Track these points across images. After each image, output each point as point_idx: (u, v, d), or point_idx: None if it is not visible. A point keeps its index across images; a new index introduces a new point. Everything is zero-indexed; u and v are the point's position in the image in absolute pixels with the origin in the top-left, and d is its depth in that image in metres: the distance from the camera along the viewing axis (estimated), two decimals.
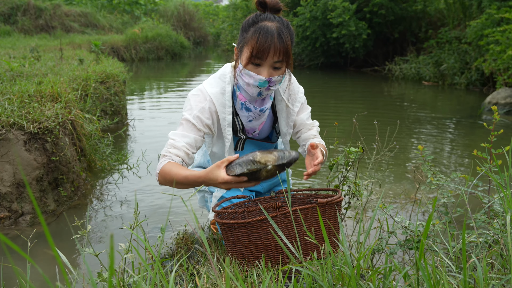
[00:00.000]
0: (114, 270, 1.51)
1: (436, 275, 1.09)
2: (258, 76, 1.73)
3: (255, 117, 1.90)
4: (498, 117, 1.84)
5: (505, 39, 7.37)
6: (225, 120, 1.85)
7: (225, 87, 1.86)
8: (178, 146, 1.77)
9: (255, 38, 1.68)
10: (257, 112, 1.88)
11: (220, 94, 1.84)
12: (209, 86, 1.87)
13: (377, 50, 12.47)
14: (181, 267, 1.80)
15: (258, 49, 1.68)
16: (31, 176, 2.88)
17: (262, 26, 1.69)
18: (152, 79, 10.72)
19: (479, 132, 5.66)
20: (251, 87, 1.78)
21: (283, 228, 1.57)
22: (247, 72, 1.74)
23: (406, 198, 3.27)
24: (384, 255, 2.00)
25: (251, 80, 1.75)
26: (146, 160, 4.13)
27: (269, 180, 2.22)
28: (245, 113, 1.89)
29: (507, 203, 1.32)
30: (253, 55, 1.70)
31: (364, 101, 8.12)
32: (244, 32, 1.75)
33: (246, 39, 1.73)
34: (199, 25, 20.68)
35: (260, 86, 1.76)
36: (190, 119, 1.80)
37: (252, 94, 1.81)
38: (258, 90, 1.78)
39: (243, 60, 1.74)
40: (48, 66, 5.35)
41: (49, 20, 14.92)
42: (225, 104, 1.85)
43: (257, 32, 1.68)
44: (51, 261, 2.48)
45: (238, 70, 1.79)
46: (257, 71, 1.73)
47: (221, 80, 1.88)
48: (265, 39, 1.66)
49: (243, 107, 1.87)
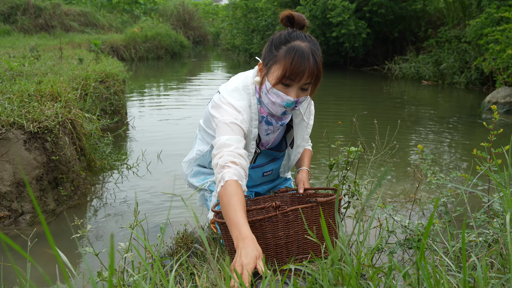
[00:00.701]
0: (114, 269, 1.52)
1: (436, 275, 1.09)
2: (286, 97, 1.68)
3: (273, 130, 1.89)
4: (498, 117, 1.84)
5: (504, 38, 7.37)
6: (251, 133, 1.81)
7: (250, 100, 1.80)
8: (242, 153, 1.63)
9: (289, 59, 1.62)
10: (277, 126, 1.87)
11: (248, 107, 1.78)
12: (233, 99, 1.77)
13: (377, 49, 12.47)
14: (181, 267, 1.80)
15: (292, 71, 1.63)
16: (31, 175, 2.88)
17: (297, 47, 1.63)
18: (151, 79, 10.72)
19: (478, 131, 5.66)
20: (276, 106, 1.73)
21: (282, 227, 1.57)
22: (275, 91, 1.69)
23: (405, 197, 3.27)
24: (383, 254, 2.00)
25: (279, 100, 1.70)
26: (146, 160, 4.13)
27: (270, 183, 2.23)
28: (265, 127, 1.86)
29: (506, 202, 1.32)
30: (285, 76, 1.64)
31: (363, 100, 8.12)
32: (275, 49, 1.69)
33: (278, 57, 1.66)
34: (199, 24, 20.68)
35: (287, 106, 1.72)
36: (238, 122, 1.69)
37: (276, 112, 1.77)
38: (283, 110, 1.74)
39: (272, 79, 1.68)
40: (48, 65, 5.35)
41: (48, 20, 14.92)
42: (252, 117, 1.80)
43: (291, 52, 1.62)
44: (51, 260, 2.48)
45: (265, 88, 1.73)
46: (286, 91, 1.68)
47: (246, 93, 1.80)
48: (301, 62, 1.61)
49: (264, 120, 1.84)
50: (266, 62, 1.73)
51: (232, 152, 1.61)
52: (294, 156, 2.11)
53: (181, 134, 5.17)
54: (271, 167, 2.13)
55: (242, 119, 1.72)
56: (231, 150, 1.61)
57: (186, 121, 5.96)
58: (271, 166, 2.13)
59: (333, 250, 1.18)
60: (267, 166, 2.11)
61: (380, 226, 2.34)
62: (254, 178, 2.11)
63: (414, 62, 10.63)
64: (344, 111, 6.94)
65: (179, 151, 4.35)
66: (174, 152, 4.39)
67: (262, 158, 2.07)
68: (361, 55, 12.18)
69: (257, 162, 2.06)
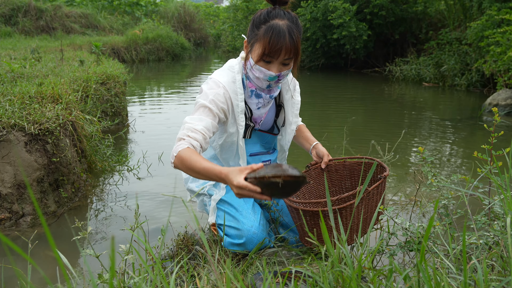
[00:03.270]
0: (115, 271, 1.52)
1: (436, 277, 1.09)
2: (268, 72, 1.82)
3: (264, 104, 1.99)
4: (498, 119, 1.84)
5: (505, 41, 7.37)
6: (238, 107, 1.93)
7: (235, 76, 1.94)
8: (197, 129, 1.77)
9: (267, 38, 1.74)
10: (267, 98, 1.97)
11: (231, 83, 1.92)
12: (219, 76, 1.94)
13: (378, 51, 12.48)
14: (182, 269, 1.80)
15: (270, 49, 1.75)
16: (32, 177, 2.88)
17: (274, 26, 1.74)
18: (152, 80, 10.73)
19: (479, 134, 5.66)
20: (260, 81, 1.88)
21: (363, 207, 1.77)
22: (257, 67, 1.83)
23: (406, 199, 3.27)
24: (384, 256, 2.00)
25: (261, 75, 1.84)
26: (147, 162, 4.13)
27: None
28: (255, 100, 1.97)
29: (507, 204, 1.32)
30: (265, 53, 1.77)
31: (364, 102, 8.12)
32: (256, 28, 1.81)
33: (258, 36, 1.79)
34: (200, 26, 20.70)
35: (270, 80, 1.86)
36: (206, 104, 1.85)
37: (262, 86, 1.91)
38: (267, 83, 1.89)
39: (254, 56, 1.82)
40: (49, 67, 5.35)
41: (49, 21, 14.94)
42: (237, 91, 1.93)
43: (269, 32, 1.74)
44: (52, 262, 2.48)
45: (249, 64, 1.87)
46: (268, 67, 1.82)
47: (230, 71, 1.96)
48: (277, 40, 1.73)
49: (253, 94, 1.96)
50: (249, 40, 1.86)
51: (189, 127, 1.76)
52: (289, 135, 2.18)
53: None
54: (269, 158, 2.19)
55: (216, 94, 1.86)
56: (188, 127, 1.77)
57: None
58: (268, 157, 2.19)
59: (333, 252, 1.18)
60: (264, 156, 2.17)
61: (381, 228, 2.34)
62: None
63: (415, 64, 10.63)
64: (344, 113, 6.93)
65: None
66: None
67: (257, 146, 2.12)
68: (362, 57, 12.18)
69: (254, 150, 2.12)
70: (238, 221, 1.93)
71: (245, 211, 1.97)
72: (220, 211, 2.04)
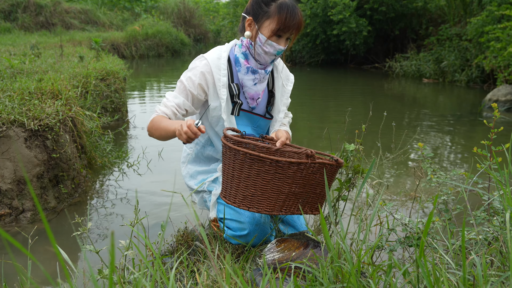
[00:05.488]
0: (115, 267, 1.52)
1: (435, 272, 1.10)
2: (278, 46, 1.95)
3: (260, 79, 2.07)
4: (498, 115, 1.84)
5: (505, 36, 7.36)
6: (219, 81, 2.01)
7: (221, 54, 2.05)
8: (168, 105, 2.01)
9: (283, 14, 1.89)
10: (262, 73, 2.06)
11: (216, 59, 2.04)
12: (208, 53, 2.09)
13: (378, 47, 12.46)
14: (182, 264, 1.81)
15: (285, 25, 1.89)
16: (32, 173, 2.89)
17: (286, 3, 1.90)
18: (152, 76, 10.72)
19: (479, 129, 5.66)
20: (268, 55, 1.99)
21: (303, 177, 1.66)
22: (270, 43, 1.94)
23: (406, 195, 3.28)
24: (383, 252, 2.00)
25: (272, 49, 1.96)
26: (147, 157, 4.14)
27: None
28: (251, 76, 2.05)
29: (506, 200, 1.32)
30: (280, 29, 1.90)
31: (364, 98, 8.11)
32: (264, 5, 1.93)
33: (270, 13, 1.91)
34: (200, 22, 20.67)
35: (277, 54, 1.98)
36: (183, 80, 2.04)
37: (266, 61, 2.02)
38: (273, 57, 2.00)
39: (267, 32, 1.93)
40: (49, 63, 5.35)
41: (49, 17, 14.91)
42: (220, 67, 2.03)
43: (283, 9, 1.89)
44: (52, 258, 2.48)
45: (260, 40, 1.95)
46: (278, 42, 1.95)
47: (218, 49, 2.09)
48: (292, 17, 1.89)
49: (249, 70, 2.04)
50: (256, 17, 1.96)
51: (164, 102, 2.03)
52: (276, 122, 2.23)
53: None
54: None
55: (195, 71, 2.02)
56: (162, 102, 2.04)
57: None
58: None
59: (333, 248, 1.18)
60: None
61: (380, 224, 2.34)
62: None
63: (415, 60, 10.62)
64: (344, 108, 6.93)
65: (180, 149, 4.34)
66: (175, 149, 4.39)
67: (248, 128, 2.15)
68: (362, 53, 12.17)
69: (243, 120, 2.13)
70: (240, 214, 1.94)
71: None
72: (221, 205, 2.04)
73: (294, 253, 1.62)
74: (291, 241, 1.71)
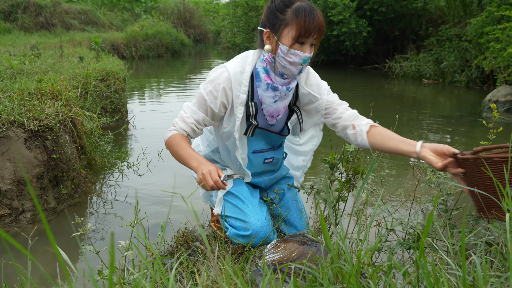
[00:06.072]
0: (115, 267, 1.52)
1: (435, 273, 1.10)
2: (303, 54, 1.80)
3: (281, 96, 1.93)
4: (497, 115, 1.85)
5: (505, 37, 7.36)
6: (238, 98, 1.89)
7: (245, 67, 1.91)
8: (187, 122, 1.93)
9: (301, 18, 1.74)
10: (283, 91, 1.91)
11: (239, 73, 1.89)
12: (230, 63, 1.93)
13: (377, 47, 12.46)
14: (181, 265, 1.81)
15: (306, 28, 1.75)
16: (32, 173, 2.89)
17: (302, 6, 1.76)
18: (152, 77, 10.72)
19: (479, 130, 5.66)
20: (294, 66, 1.83)
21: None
22: (293, 52, 1.79)
23: (405, 196, 3.28)
24: (383, 253, 2.00)
25: (297, 59, 1.81)
26: (146, 158, 4.14)
27: (271, 173, 2.22)
28: (271, 93, 1.92)
29: (506, 201, 1.32)
30: (301, 34, 1.76)
31: (364, 98, 8.11)
32: (280, 13, 1.79)
33: (287, 20, 1.78)
34: (199, 22, 20.68)
35: (304, 62, 1.83)
36: (204, 94, 1.90)
37: (293, 73, 1.86)
38: (300, 67, 1.85)
39: (288, 41, 1.79)
40: (48, 63, 5.35)
41: (49, 18, 14.92)
42: (241, 82, 1.89)
43: (300, 12, 1.75)
44: (52, 258, 2.48)
45: (281, 52, 1.81)
46: (302, 49, 1.80)
47: (243, 61, 1.93)
48: (312, 19, 1.75)
49: (269, 87, 1.91)
50: (272, 28, 1.82)
51: (183, 117, 1.96)
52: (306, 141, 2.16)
53: None
54: (272, 155, 2.13)
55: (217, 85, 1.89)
56: (181, 117, 1.97)
57: None
58: (272, 154, 2.13)
59: (333, 249, 1.18)
60: (268, 153, 2.11)
61: (379, 224, 2.34)
62: (255, 164, 2.10)
63: (415, 61, 10.62)
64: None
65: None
66: None
67: (261, 141, 2.06)
68: (361, 54, 12.17)
69: (257, 147, 2.06)
70: (245, 214, 1.93)
71: (252, 204, 1.97)
72: (227, 202, 2.03)
73: (294, 253, 1.62)
74: (291, 241, 1.71)
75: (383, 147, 1.89)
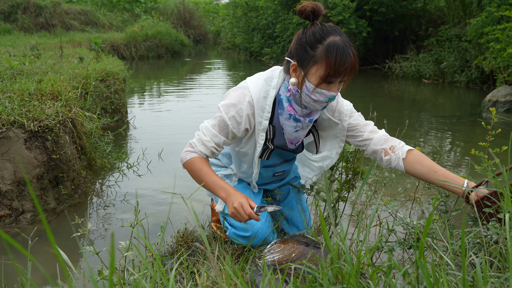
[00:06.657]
0: (115, 268, 1.52)
1: (435, 273, 1.10)
2: (329, 93, 1.69)
3: (302, 127, 1.87)
4: (496, 119, 1.85)
5: (505, 37, 7.36)
6: (260, 125, 1.81)
7: (269, 91, 1.79)
8: (208, 146, 1.82)
9: (332, 59, 1.60)
10: (306, 122, 1.84)
11: (262, 98, 1.78)
12: (253, 85, 1.81)
13: (377, 48, 12.47)
14: (181, 265, 1.81)
15: (336, 70, 1.62)
16: (32, 174, 2.89)
17: (334, 44, 1.62)
18: (152, 77, 10.72)
19: (479, 130, 5.66)
20: (318, 103, 1.73)
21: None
22: (319, 91, 1.68)
23: (405, 196, 3.28)
24: (383, 253, 2.00)
25: (322, 97, 1.70)
26: (146, 158, 4.14)
27: (279, 181, 2.23)
28: (293, 123, 1.84)
29: (505, 201, 1.32)
30: (330, 75, 1.63)
31: (364, 99, 8.12)
32: (311, 48, 1.65)
33: (317, 57, 1.63)
34: (199, 23, 20.69)
35: (329, 101, 1.72)
36: (226, 119, 1.77)
37: (317, 109, 1.78)
38: (325, 104, 1.75)
39: (315, 80, 1.66)
40: (48, 64, 5.35)
41: (49, 18, 14.92)
42: (264, 108, 1.79)
43: (332, 51, 1.61)
44: (52, 259, 2.48)
45: (307, 88, 1.70)
46: (329, 88, 1.68)
47: (267, 84, 1.81)
48: (344, 60, 1.61)
49: (292, 117, 1.82)
50: (301, 63, 1.69)
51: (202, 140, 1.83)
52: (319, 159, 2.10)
53: (181, 133, 5.18)
54: (283, 168, 2.11)
55: (239, 110, 1.77)
56: (200, 139, 1.83)
57: (187, 119, 5.97)
58: (283, 167, 2.11)
59: (333, 249, 1.18)
60: (279, 167, 2.09)
61: (379, 224, 2.35)
62: (265, 177, 2.10)
63: (415, 61, 10.62)
64: None
65: (180, 149, 4.35)
66: (175, 151, 4.39)
67: (275, 158, 2.03)
68: (361, 54, 12.16)
69: (271, 161, 2.03)
70: None
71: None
72: None
73: (294, 254, 1.62)
74: (291, 242, 1.71)
75: (423, 179, 1.87)
